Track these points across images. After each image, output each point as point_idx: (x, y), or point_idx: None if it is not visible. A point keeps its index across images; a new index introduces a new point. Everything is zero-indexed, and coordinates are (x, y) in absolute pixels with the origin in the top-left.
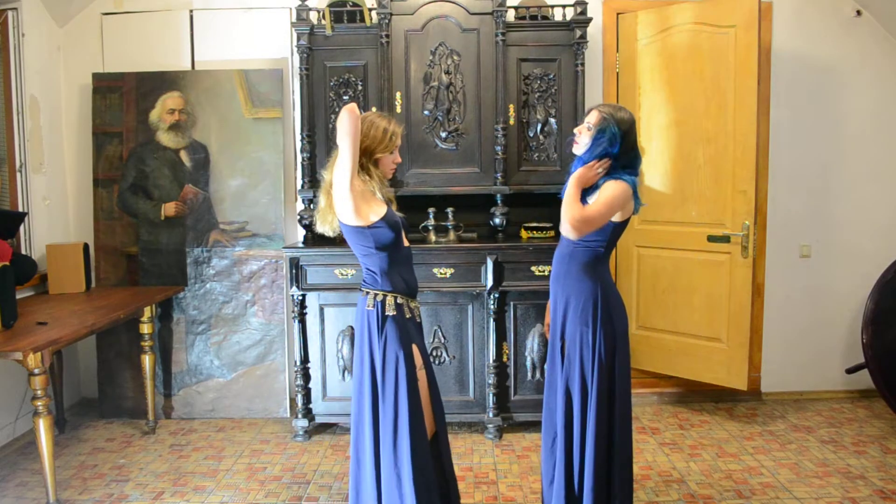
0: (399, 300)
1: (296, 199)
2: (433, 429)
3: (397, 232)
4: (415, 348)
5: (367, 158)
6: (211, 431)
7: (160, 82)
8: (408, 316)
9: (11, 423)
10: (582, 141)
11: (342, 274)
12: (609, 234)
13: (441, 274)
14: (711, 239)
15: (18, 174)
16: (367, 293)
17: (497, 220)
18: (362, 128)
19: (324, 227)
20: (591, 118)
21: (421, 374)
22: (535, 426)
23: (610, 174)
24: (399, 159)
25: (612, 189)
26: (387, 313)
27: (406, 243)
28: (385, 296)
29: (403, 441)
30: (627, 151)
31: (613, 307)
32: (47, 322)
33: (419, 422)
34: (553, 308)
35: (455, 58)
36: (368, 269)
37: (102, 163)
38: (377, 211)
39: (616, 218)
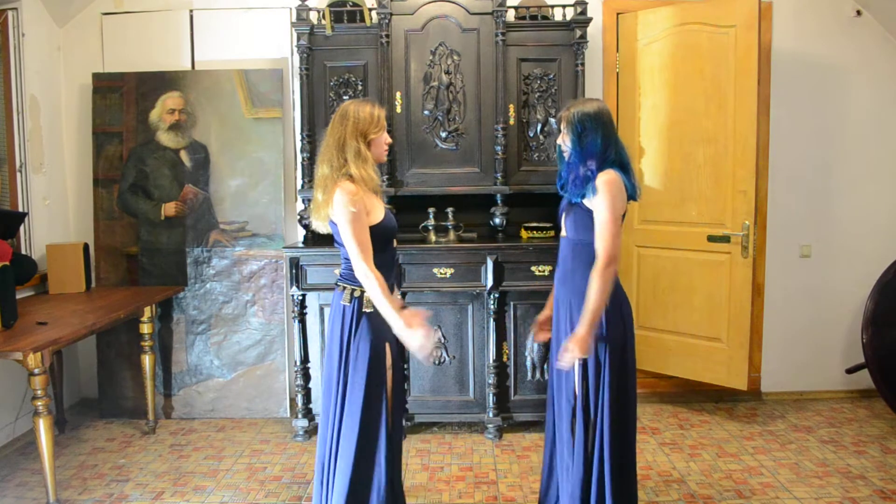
0: None
1: (296, 199)
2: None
3: (388, 238)
4: (387, 346)
5: (361, 141)
6: (211, 431)
7: (160, 82)
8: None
9: (11, 423)
10: (567, 146)
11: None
12: None
13: (441, 274)
14: (711, 239)
15: (18, 174)
16: (344, 288)
17: (497, 220)
18: (349, 116)
19: (317, 222)
20: (562, 122)
21: (389, 374)
22: (535, 426)
23: (599, 168)
24: (390, 140)
25: (604, 189)
26: (363, 310)
27: (394, 243)
28: (362, 292)
29: (350, 437)
30: (610, 140)
31: (622, 305)
32: (47, 322)
33: (370, 422)
34: (556, 309)
35: (455, 58)
36: (348, 266)
37: (102, 163)
38: (375, 215)
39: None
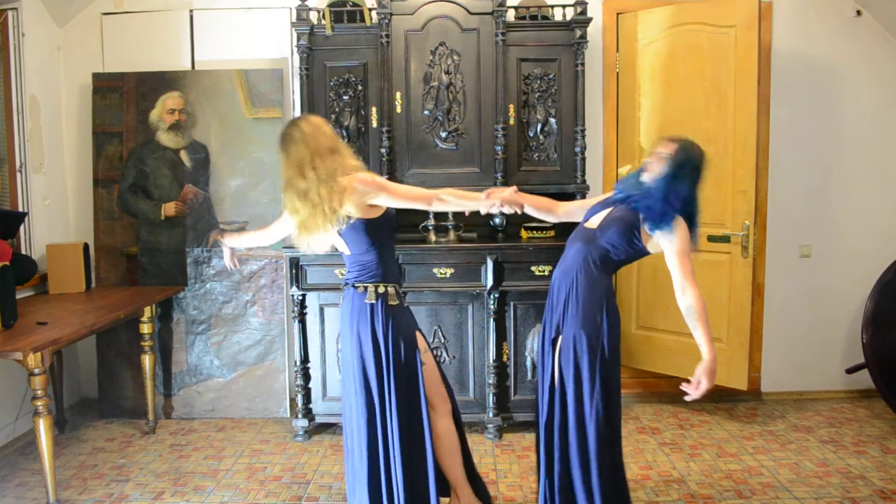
0: (398, 290)
1: None
2: (448, 404)
3: (392, 228)
4: (418, 334)
5: (334, 141)
6: (211, 431)
7: (160, 82)
8: (405, 304)
9: (11, 423)
10: (653, 169)
11: (342, 274)
12: (636, 255)
13: (441, 274)
14: (711, 239)
15: (18, 174)
16: (366, 288)
17: (497, 220)
18: (318, 126)
19: (325, 236)
20: (665, 148)
21: (428, 357)
22: (534, 426)
23: (678, 211)
24: None
25: (682, 238)
26: (390, 303)
27: None
28: (386, 287)
29: (404, 428)
30: (696, 192)
31: (616, 310)
32: (47, 322)
33: (416, 410)
34: (552, 298)
35: (455, 58)
36: (364, 265)
37: (102, 163)
38: (378, 207)
39: (653, 250)
